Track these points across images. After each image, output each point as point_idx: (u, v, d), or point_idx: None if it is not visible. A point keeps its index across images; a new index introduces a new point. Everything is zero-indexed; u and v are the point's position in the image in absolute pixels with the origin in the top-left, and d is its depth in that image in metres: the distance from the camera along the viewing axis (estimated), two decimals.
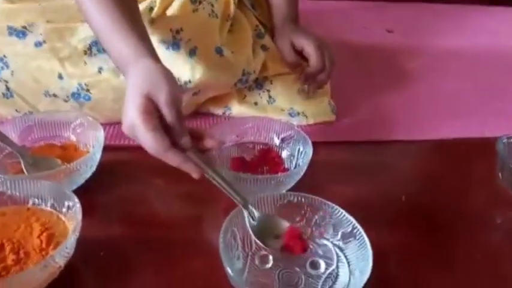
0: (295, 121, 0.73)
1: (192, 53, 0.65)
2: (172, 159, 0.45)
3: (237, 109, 0.73)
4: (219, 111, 0.73)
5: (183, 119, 0.46)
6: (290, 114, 0.73)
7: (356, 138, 0.71)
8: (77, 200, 0.45)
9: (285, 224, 0.46)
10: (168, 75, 0.47)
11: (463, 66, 1.03)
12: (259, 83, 0.74)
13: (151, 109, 0.44)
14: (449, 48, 1.13)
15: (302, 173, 0.54)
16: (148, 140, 0.44)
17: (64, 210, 0.46)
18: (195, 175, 0.46)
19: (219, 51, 0.66)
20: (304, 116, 0.73)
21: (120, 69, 0.51)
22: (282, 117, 0.72)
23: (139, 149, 0.67)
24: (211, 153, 0.49)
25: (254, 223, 0.46)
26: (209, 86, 0.67)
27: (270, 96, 0.74)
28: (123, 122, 0.46)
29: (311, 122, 0.73)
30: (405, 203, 0.58)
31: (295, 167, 0.59)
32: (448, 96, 0.89)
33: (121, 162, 0.63)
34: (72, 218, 0.45)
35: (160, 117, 0.45)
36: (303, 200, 0.48)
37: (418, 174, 0.65)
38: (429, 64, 1.04)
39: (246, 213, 0.46)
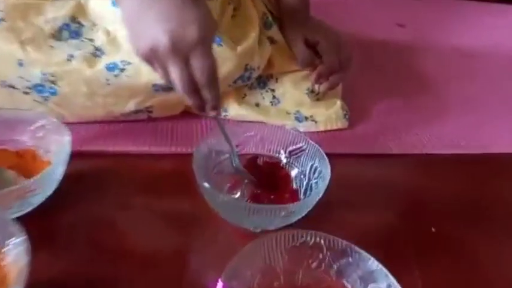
0: (302, 127, 0.62)
1: None
2: (218, 87, 0.43)
3: (235, 110, 0.62)
4: None
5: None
6: (297, 119, 0.62)
7: (373, 150, 0.62)
8: (24, 236, 0.33)
9: None
10: None
11: (484, 68, 0.94)
12: (263, 81, 0.63)
13: None
14: (467, 47, 1.03)
15: (317, 200, 0.44)
16: (213, 59, 0.41)
17: (6, 250, 0.35)
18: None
19: (217, 41, 0.54)
20: (313, 121, 0.63)
21: None
22: (287, 122, 0.62)
23: (117, 156, 0.57)
24: None
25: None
26: None
27: (274, 97, 0.63)
28: (174, 31, 0.39)
29: (321, 128, 0.63)
30: (436, 236, 0.49)
31: (305, 189, 0.49)
32: (471, 101, 0.79)
33: (92, 174, 0.51)
34: (16, 262, 0.34)
35: None
36: (321, 241, 0.38)
37: (447, 198, 0.56)
38: (446, 64, 0.95)
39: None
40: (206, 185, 0.43)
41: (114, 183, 0.51)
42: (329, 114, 0.64)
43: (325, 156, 0.48)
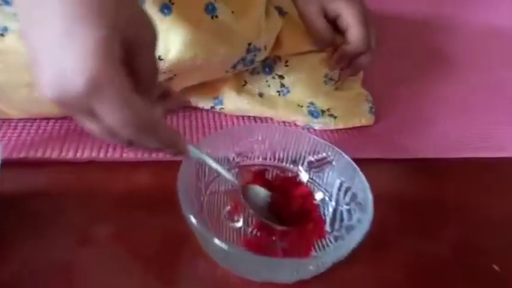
0: (317, 124, 0.50)
1: (165, 10, 0.39)
2: (167, 130, 0.29)
3: (232, 102, 0.48)
4: (204, 104, 0.49)
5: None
6: (311, 113, 0.49)
7: (407, 153, 0.49)
8: None
9: None
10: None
11: None
12: (268, 65, 0.49)
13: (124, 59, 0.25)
14: (496, 26, 0.91)
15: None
16: (134, 106, 0.25)
17: None
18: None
19: (210, 10, 0.40)
20: (331, 116, 0.50)
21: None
22: (298, 117, 0.49)
23: (77, 166, 0.43)
24: None
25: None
26: (192, 69, 0.41)
27: (282, 85, 0.50)
28: (59, 80, 0.24)
29: (341, 126, 0.50)
30: (501, 277, 0.37)
31: (333, 218, 0.36)
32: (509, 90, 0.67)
33: (40, 193, 0.38)
34: None
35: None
36: None
37: (508, 221, 0.44)
38: (473, 44, 0.82)
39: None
40: (194, 220, 0.30)
41: (71, 207, 0.37)
42: (351, 108, 0.51)
43: (360, 173, 0.35)
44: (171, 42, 0.38)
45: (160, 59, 0.37)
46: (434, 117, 0.57)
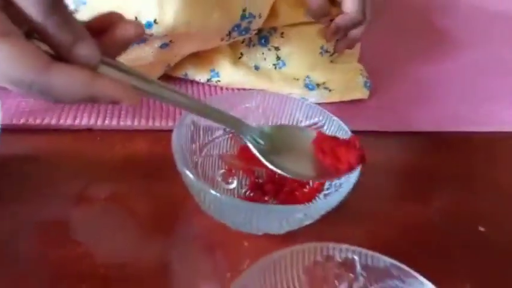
0: (312, 96, 0.50)
1: None
2: (68, 80, 0.23)
3: (228, 74, 0.49)
4: (200, 76, 0.49)
5: (69, 14, 0.22)
6: (307, 86, 0.50)
7: (400, 126, 0.50)
8: None
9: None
10: None
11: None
12: (264, 37, 0.50)
13: None
14: (496, 7, 0.90)
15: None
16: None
17: None
18: (129, 100, 0.24)
19: None
20: (327, 89, 0.50)
21: None
22: (294, 90, 0.50)
23: (73, 134, 0.42)
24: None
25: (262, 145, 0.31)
26: (188, 34, 0.42)
27: (278, 58, 0.50)
28: None
29: (335, 99, 0.51)
30: (484, 236, 0.38)
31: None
32: (502, 66, 0.67)
33: (36, 158, 0.38)
34: None
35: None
36: (354, 257, 0.26)
37: (494, 188, 0.44)
38: (472, 25, 0.82)
39: (248, 142, 0.31)
40: (188, 173, 0.30)
41: (68, 171, 0.38)
42: (346, 82, 0.51)
43: (350, 133, 0.36)
44: (168, 4, 0.38)
45: (156, 22, 0.38)
46: (432, 92, 0.58)
